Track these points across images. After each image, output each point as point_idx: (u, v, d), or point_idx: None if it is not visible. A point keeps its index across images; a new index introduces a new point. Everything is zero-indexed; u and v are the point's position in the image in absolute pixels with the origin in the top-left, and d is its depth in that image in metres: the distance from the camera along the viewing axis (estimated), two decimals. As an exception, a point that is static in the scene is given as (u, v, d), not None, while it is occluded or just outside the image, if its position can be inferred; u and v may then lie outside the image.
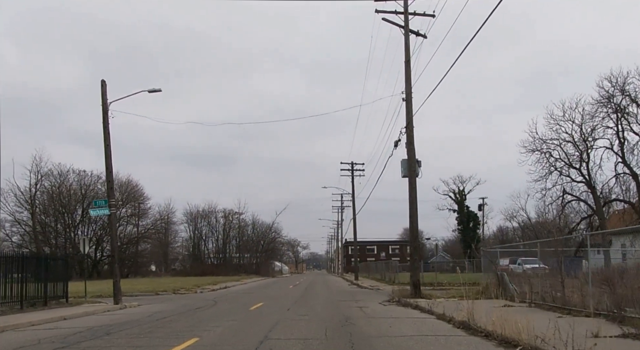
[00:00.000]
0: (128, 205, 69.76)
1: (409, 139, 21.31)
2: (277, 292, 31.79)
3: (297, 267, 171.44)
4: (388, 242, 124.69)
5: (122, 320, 15.00)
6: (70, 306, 21.33)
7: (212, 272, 77.87)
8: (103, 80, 23.04)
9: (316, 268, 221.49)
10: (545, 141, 36.89)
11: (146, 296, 30.34)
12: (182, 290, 35.29)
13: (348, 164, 52.40)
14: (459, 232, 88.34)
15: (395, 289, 29.89)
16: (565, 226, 45.25)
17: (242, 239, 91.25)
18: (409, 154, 21.30)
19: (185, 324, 13.47)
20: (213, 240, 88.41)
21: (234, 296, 27.24)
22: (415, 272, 21.02)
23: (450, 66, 18.08)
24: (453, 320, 13.00)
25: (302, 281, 56.35)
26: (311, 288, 37.53)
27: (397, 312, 16.66)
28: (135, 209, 71.49)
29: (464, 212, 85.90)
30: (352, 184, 52.21)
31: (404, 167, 21.59)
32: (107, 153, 22.60)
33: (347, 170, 52.44)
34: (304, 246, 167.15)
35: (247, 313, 16.45)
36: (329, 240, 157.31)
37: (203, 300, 24.06)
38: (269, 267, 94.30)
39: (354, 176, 52.03)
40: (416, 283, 20.88)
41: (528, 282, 19.08)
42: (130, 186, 68.53)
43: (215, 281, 50.03)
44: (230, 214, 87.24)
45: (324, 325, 12.61)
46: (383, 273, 47.61)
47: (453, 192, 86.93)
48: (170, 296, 30.39)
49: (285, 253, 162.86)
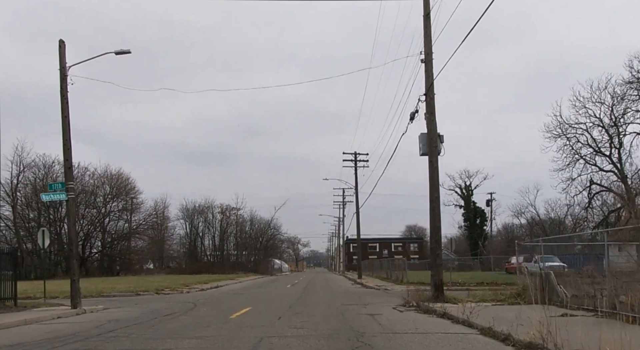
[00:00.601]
0: (119, 199, 65.79)
1: (429, 108, 17.29)
2: (271, 292, 27.82)
3: (298, 265, 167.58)
4: (390, 240, 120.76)
5: (52, 335, 11.05)
6: (17, 311, 17.37)
7: (208, 270, 73.97)
8: (61, 41, 19.06)
9: (317, 266, 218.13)
10: (571, 125, 32.90)
11: (124, 297, 26.48)
12: (167, 290, 31.37)
13: (351, 154, 48.43)
14: (465, 228, 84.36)
15: (408, 289, 25.96)
16: (588, 220, 41.33)
17: (241, 236, 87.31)
18: (429, 126, 17.29)
19: (129, 344, 9.50)
20: (210, 237, 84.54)
21: (220, 298, 23.29)
22: (438, 271, 17.07)
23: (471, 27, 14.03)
24: (511, 340, 9.05)
25: (301, 279, 52.46)
26: (311, 287, 33.59)
27: (420, 322, 12.70)
28: (127, 204, 67.56)
29: (471, 208, 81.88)
30: (355, 175, 48.31)
31: (422, 142, 17.57)
32: (64, 126, 18.63)
33: (350, 162, 48.48)
34: (304, 244, 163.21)
35: (224, 324, 12.48)
36: (329, 238, 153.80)
37: (182, 303, 20.12)
38: (268, 265, 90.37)
39: (357, 167, 48.09)
40: (439, 284, 16.93)
41: (583, 284, 15.11)
42: (120, 179, 64.63)
43: (208, 280, 46.29)
44: (227, 210, 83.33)
45: (327, 348, 8.68)
46: (389, 271, 43.67)
47: (459, 187, 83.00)
48: (151, 297, 26.52)
49: (286, 251, 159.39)
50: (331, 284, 40.83)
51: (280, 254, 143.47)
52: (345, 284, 40.46)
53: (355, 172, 48.06)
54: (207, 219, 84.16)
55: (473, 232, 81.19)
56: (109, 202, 63.72)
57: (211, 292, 30.18)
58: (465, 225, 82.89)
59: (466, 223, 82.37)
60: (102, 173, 63.00)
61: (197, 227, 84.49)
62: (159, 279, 49.03)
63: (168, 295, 27.60)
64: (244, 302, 20.08)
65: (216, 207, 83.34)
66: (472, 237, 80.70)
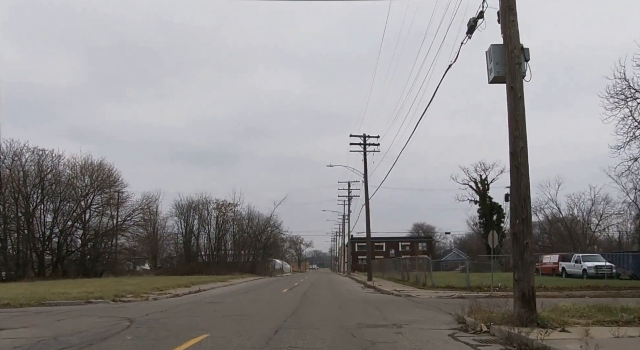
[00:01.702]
0: (101, 192, 58.84)
1: (505, 4, 10.31)
2: (260, 300, 20.71)
3: (300, 266, 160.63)
4: (398, 239, 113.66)
5: None
6: None
7: (203, 270, 67.03)
8: None
9: (320, 267, 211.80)
10: (638, 90, 25.80)
11: (70, 306, 19.81)
12: (130, 296, 24.34)
13: (359, 137, 41.38)
14: (480, 226, 77.13)
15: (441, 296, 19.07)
16: None
17: (240, 234, 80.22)
18: (508, 30, 10.26)
19: None
20: (205, 236, 77.49)
21: (181, 311, 16.18)
22: (527, 272, 9.97)
23: None
24: None
25: (302, 282, 45.55)
26: (313, 293, 26.62)
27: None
28: (110, 197, 60.57)
29: (487, 203, 74.69)
30: (364, 161, 41.20)
31: (495, 59, 10.51)
32: None
33: (358, 145, 41.39)
34: (306, 244, 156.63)
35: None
36: (333, 238, 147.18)
37: (118, 320, 13.13)
38: (267, 266, 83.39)
39: (366, 151, 41.04)
40: (528, 295, 9.83)
41: None
42: (102, 171, 57.67)
43: (194, 282, 39.45)
44: (223, 206, 76.23)
45: None
46: (405, 272, 36.67)
47: (474, 181, 75.80)
48: (102, 306, 19.69)
49: (287, 251, 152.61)
50: (337, 287, 33.85)
51: (282, 254, 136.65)
52: (354, 287, 33.48)
53: (364, 157, 41.05)
54: (203, 216, 77.18)
55: (489, 229, 73.82)
56: (89, 194, 56.83)
57: (183, 299, 23.16)
58: (481, 222, 75.67)
59: (482, 220, 75.18)
60: (82, 163, 56.15)
61: (192, 225, 77.48)
62: (138, 281, 42.05)
63: (125, 304, 20.71)
64: (210, 319, 13.06)
65: (212, 203, 76.39)
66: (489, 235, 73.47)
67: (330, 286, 35.07)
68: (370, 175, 38.66)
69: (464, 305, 13.03)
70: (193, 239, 77.88)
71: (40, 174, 50.42)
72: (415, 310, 15.19)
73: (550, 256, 44.10)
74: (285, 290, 28.48)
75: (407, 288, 27.64)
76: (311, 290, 28.60)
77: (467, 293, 22.99)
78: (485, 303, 12.71)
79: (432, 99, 18.03)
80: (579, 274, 37.36)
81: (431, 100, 20.47)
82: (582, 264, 37.42)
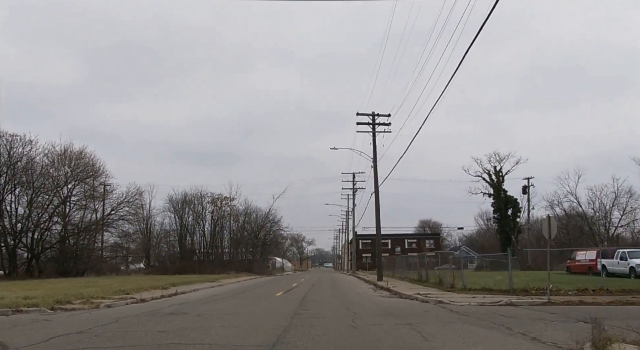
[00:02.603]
0: (83, 184, 53.23)
1: None
2: (240, 312, 14.86)
3: (302, 264, 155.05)
4: (404, 236, 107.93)
5: None
6: None
7: (195, 269, 61.45)
8: None
9: (322, 265, 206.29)
10: None
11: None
12: (78, 302, 18.72)
13: (368, 116, 35.69)
14: (494, 221, 71.35)
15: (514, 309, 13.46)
16: None
17: (237, 231, 74.62)
18: None
19: None
20: (200, 233, 71.84)
21: (115, 331, 10.51)
22: None
23: None
24: None
25: (302, 281, 40.01)
26: (314, 297, 21.01)
27: None
28: (95, 190, 55.01)
29: (501, 197, 68.91)
30: (373, 143, 35.46)
31: None
32: None
33: (366, 125, 35.69)
34: (309, 242, 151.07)
35: None
36: (335, 235, 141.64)
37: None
38: (266, 264, 77.81)
39: (375, 132, 35.34)
40: None
41: None
42: (84, 160, 52.06)
43: (178, 282, 33.90)
44: (219, 200, 70.58)
45: None
46: (422, 271, 31.06)
47: (487, 172, 69.97)
48: (28, 317, 14.31)
49: (289, 249, 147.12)
50: (343, 288, 28.22)
51: (283, 252, 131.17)
52: (363, 289, 27.82)
53: (373, 138, 35.32)
54: (197, 211, 71.52)
55: (505, 224, 68.21)
56: (68, 185, 51.24)
57: (143, 307, 17.50)
58: (495, 217, 69.84)
59: (496, 214, 69.35)
60: (60, 151, 50.53)
61: (186, 221, 71.83)
62: (113, 281, 36.40)
63: (60, 315, 15.20)
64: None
65: (207, 196, 70.74)
66: (504, 231, 67.71)
67: (334, 288, 29.47)
68: (381, 158, 33.08)
69: (556, 325, 7.39)
70: (187, 236, 72.34)
71: (9, 160, 44.83)
72: (477, 333, 9.51)
73: (586, 252, 38.28)
74: (280, 294, 22.83)
75: (431, 291, 22.00)
76: (312, 294, 22.97)
77: (516, 298, 17.38)
78: (586, 317, 7.06)
79: (441, 94, 12.39)
80: (624, 273, 31.63)
81: (441, 94, 14.96)
82: (629, 261, 31.72)
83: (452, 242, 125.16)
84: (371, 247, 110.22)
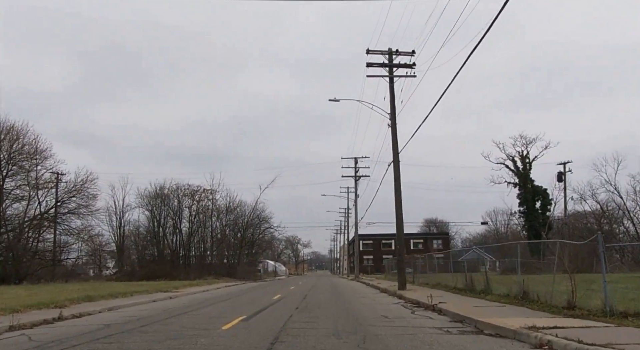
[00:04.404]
0: (22, 170, 42.16)
1: None
2: None
3: (297, 268, 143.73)
4: (409, 236, 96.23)
5: None
6: None
7: (166, 274, 50.46)
8: None
9: (319, 269, 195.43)
10: None
11: None
12: None
13: (381, 54, 24.75)
14: (519, 215, 60.28)
15: None
16: None
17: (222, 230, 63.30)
18: None
19: None
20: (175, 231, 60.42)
21: None
22: None
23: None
24: None
25: (293, 290, 29.09)
26: (299, 331, 9.98)
27: None
28: (40, 178, 43.86)
29: (529, 187, 57.88)
30: (390, 92, 24.35)
31: None
32: None
33: (380, 67, 24.71)
34: (304, 244, 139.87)
35: None
36: (333, 237, 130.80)
37: None
38: (254, 267, 66.54)
39: (393, 76, 24.39)
40: None
41: None
42: (21, 139, 40.91)
43: (115, 292, 23.46)
44: (197, 193, 59.35)
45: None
46: (458, 275, 20.18)
47: (511, 159, 58.81)
48: None
49: (284, 252, 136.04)
50: (352, 303, 17.13)
51: (277, 255, 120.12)
52: (384, 304, 16.71)
53: (390, 84, 24.31)
54: (172, 206, 60.24)
55: (533, 219, 57.27)
56: (2, 171, 40.19)
57: None
58: (521, 211, 58.58)
59: (522, 207, 58.14)
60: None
61: (161, 218, 60.47)
62: (43, 290, 25.12)
63: None
64: None
65: (182, 189, 59.47)
66: (533, 227, 56.65)
67: (338, 302, 18.41)
68: (400, 113, 22.33)
69: None
70: (162, 236, 60.93)
71: None
72: None
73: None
74: (236, 322, 11.70)
75: (538, 315, 11.00)
76: (299, 319, 11.94)
77: None
78: None
79: None
80: None
81: None
82: None
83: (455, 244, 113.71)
84: (373, 248, 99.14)
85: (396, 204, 23.66)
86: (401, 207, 23.70)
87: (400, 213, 23.73)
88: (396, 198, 23.74)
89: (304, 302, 17.99)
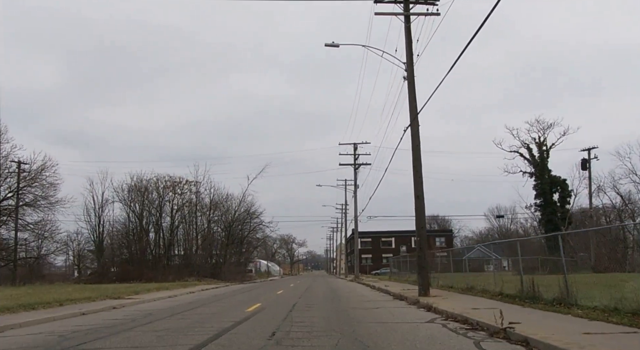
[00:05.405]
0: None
1: None
2: None
3: (292, 268, 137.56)
4: (410, 233, 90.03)
5: None
6: None
7: (142, 275, 44.46)
8: None
9: (315, 269, 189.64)
10: None
11: None
12: None
13: None
14: (535, 208, 54.38)
15: None
16: None
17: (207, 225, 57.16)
18: None
19: None
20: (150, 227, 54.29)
21: None
22: None
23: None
24: None
25: (280, 293, 23.10)
26: None
27: None
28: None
29: (545, 178, 52.12)
30: (406, 34, 18.49)
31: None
32: None
33: (393, 3, 18.81)
34: (299, 243, 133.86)
35: None
36: (329, 235, 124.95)
37: None
38: (243, 267, 60.46)
39: (410, 13, 18.46)
40: None
41: None
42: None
43: (59, 298, 17.41)
44: (179, 185, 53.20)
45: None
46: (504, 277, 14.26)
47: (526, 146, 53.02)
48: None
49: (278, 251, 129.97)
50: (363, 323, 11.16)
51: (271, 255, 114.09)
52: (408, 318, 10.73)
53: (406, 24, 18.40)
54: (151, 200, 54.09)
55: (550, 212, 51.51)
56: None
57: None
58: (537, 204, 52.73)
59: (538, 200, 52.31)
60: None
61: (139, 213, 54.29)
62: None
63: None
64: None
65: (163, 181, 53.35)
66: (551, 221, 50.80)
67: (340, 318, 12.37)
68: (417, 62, 16.24)
69: None
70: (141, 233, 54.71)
71: None
72: None
73: None
74: None
75: None
76: None
77: None
78: None
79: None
80: None
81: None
82: None
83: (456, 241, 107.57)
84: (371, 246, 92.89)
85: (415, 180, 17.65)
86: (422, 184, 17.67)
87: (421, 190, 17.69)
88: (415, 173, 17.70)
89: (288, 319, 11.89)
